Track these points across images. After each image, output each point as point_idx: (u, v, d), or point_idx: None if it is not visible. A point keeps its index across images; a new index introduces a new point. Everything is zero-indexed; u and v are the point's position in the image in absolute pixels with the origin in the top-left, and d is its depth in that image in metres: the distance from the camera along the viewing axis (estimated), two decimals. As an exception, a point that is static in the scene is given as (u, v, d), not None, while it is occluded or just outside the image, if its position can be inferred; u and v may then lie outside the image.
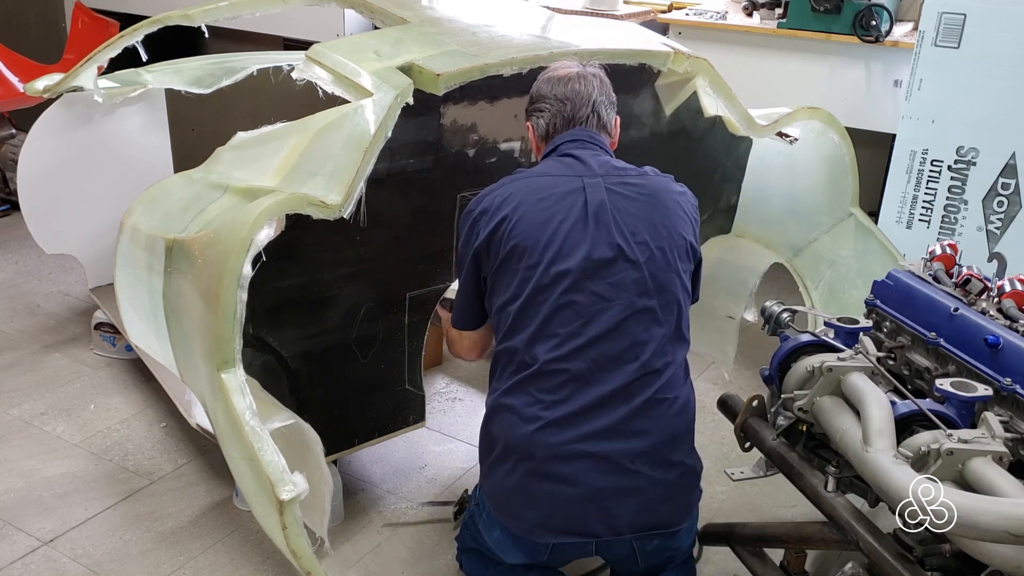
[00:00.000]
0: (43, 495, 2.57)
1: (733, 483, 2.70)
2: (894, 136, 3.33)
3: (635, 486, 1.88)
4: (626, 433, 1.87)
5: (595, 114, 2.08)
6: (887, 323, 2.16)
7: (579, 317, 1.89)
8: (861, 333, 2.05)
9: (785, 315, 2.17)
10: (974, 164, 3.19)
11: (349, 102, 2.15)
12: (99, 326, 3.26)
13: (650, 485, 1.88)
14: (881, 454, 1.67)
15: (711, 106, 2.55)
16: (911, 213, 3.32)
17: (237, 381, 1.89)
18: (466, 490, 2.52)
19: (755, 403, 2.14)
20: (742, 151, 2.95)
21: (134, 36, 2.83)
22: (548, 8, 3.24)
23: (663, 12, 4.13)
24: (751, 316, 3.18)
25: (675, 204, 2.01)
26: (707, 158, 2.83)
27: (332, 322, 2.22)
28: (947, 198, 3.26)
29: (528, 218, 1.93)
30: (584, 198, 1.94)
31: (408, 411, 2.45)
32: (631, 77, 2.48)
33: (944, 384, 1.82)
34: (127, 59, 2.97)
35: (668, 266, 1.94)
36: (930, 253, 2.18)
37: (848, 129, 2.93)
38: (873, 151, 3.84)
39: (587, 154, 2.03)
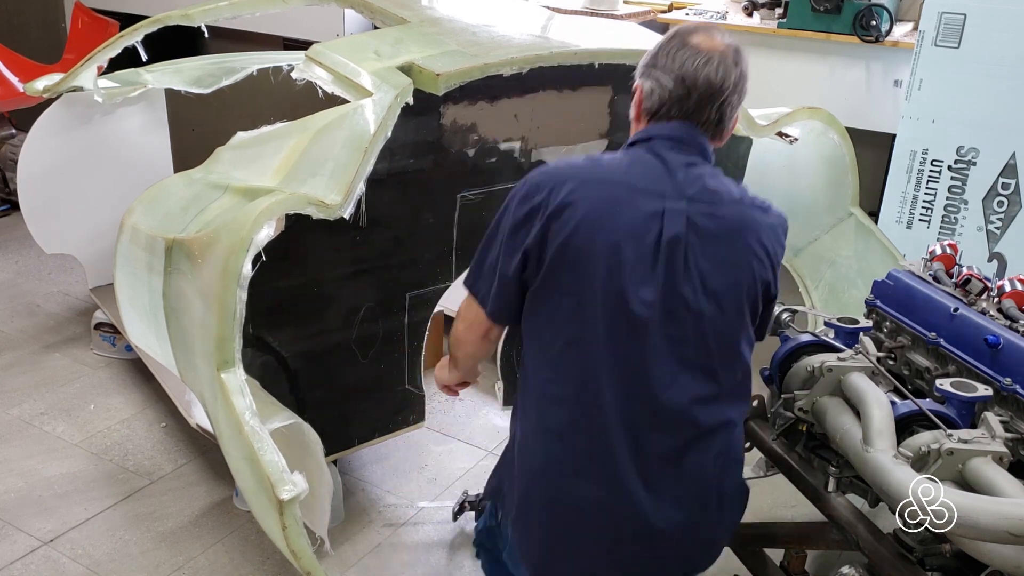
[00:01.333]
0: (43, 495, 2.57)
1: (733, 483, 2.69)
2: (894, 136, 3.33)
3: (685, 538, 1.73)
4: (673, 499, 1.70)
5: (718, 116, 1.74)
6: (887, 323, 2.15)
7: (632, 370, 1.66)
8: (861, 333, 2.04)
9: (785, 315, 2.17)
10: (974, 164, 3.19)
11: (349, 102, 2.15)
12: (99, 326, 3.26)
13: (699, 537, 1.76)
14: (881, 454, 1.67)
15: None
16: (911, 213, 3.32)
17: (237, 381, 1.89)
18: (465, 491, 2.52)
19: (755, 403, 2.14)
20: (742, 151, 2.95)
21: (134, 36, 2.83)
22: (548, 8, 3.24)
23: (663, 12, 4.14)
24: (751, 316, 3.17)
25: (758, 243, 1.72)
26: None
27: (332, 322, 2.22)
28: (947, 198, 3.26)
29: (595, 238, 1.64)
30: (660, 228, 1.65)
31: (408, 411, 2.45)
32: (631, 77, 2.48)
33: (944, 384, 1.82)
34: (127, 59, 2.96)
35: (735, 317, 1.71)
36: (930, 253, 2.18)
37: (848, 129, 2.93)
38: (873, 151, 3.84)
39: (679, 160, 1.71)
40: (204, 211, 2.12)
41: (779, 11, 3.76)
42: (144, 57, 2.89)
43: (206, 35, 2.89)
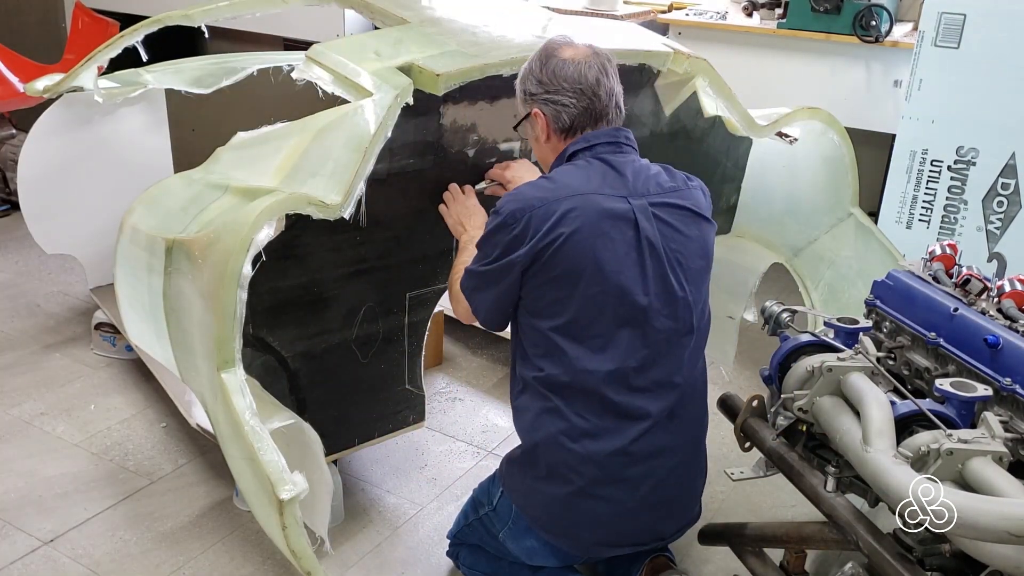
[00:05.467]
0: (43, 495, 2.57)
1: (733, 483, 2.70)
2: (894, 136, 3.33)
3: (675, 496, 2.03)
4: (669, 450, 1.97)
5: (618, 108, 2.01)
6: (887, 323, 2.16)
7: (633, 352, 1.92)
8: (861, 333, 2.05)
9: (785, 315, 2.17)
10: (974, 164, 3.19)
11: (349, 102, 2.15)
12: (99, 326, 3.26)
13: (685, 491, 2.06)
14: (881, 454, 1.67)
15: (711, 106, 2.54)
16: (911, 213, 3.32)
17: (237, 381, 1.89)
18: None
19: (755, 403, 2.14)
20: (742, 151, 2.95)
21: (134, 36, 2.82)
22: (548, 8, 3.24)
23: (663, 12, 4.14)
24: (751, 316, 3.18)
25: (708, 222, 2.02)
26: (707, 158, 2.83)
27: (332, 322, 2.22)
28: (947, 198, 3.26)
29: (587, 248, 1.88)
30: (636, 226, 1.91)
31: (408, 411, 2.45)
32: (631, 77, 2.48)
33: (944, 384, 1.82)
34: (127, 59, 2.97)
35: (703, 289, 2.00)
36: (930, 253, 2.18)
37: (848, 129, 2.93)
38: (873, 151, 3.84)
39: (624, 161, 1.97)
40: (204, 211, 2.12)
41: (779, 11, 3.76)
42: (144, 57, 2.89)
43: (206, 35, 2.89)
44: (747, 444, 2.16)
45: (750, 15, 3.92)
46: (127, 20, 3.44)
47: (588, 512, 1.96)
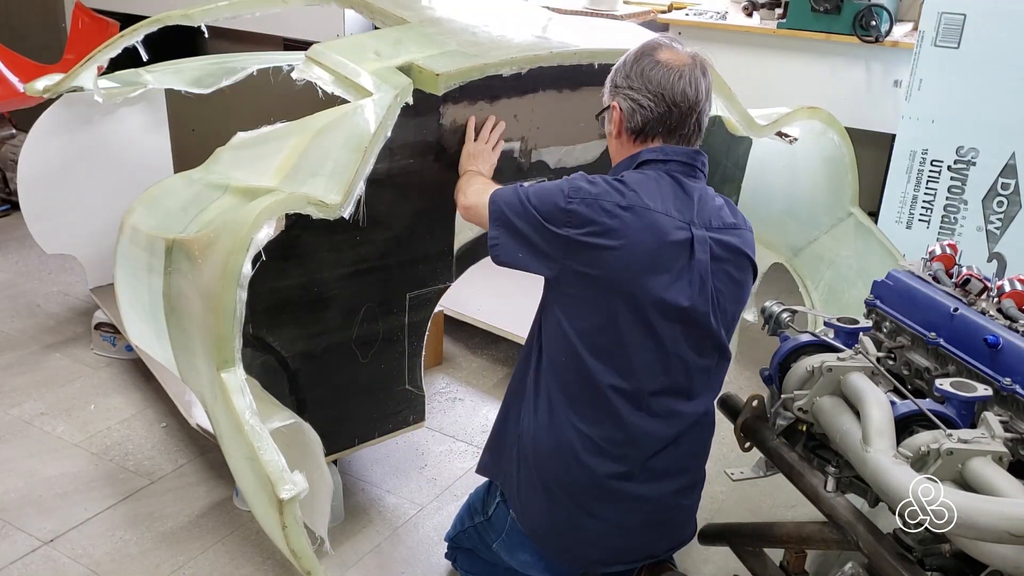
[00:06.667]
0: (43, 495, 2.57)
1: (733, 483, 2.69)
2: (894, 136, 3.33)
3: (671, 517, 2.03)
4: (672, 474, 1.97)
5: (697, 126, 1.93)
6: (887, 323, 2.16)
7: (653, 376, 1.88)
8: (861, 333, 2.05)
9: (785, 315, 2.17)
10: (974, 164, 3.19)
11: (349, 102, 2.15)
12: (99, 326, 3.26)
13: (682, 512, 2.05)
14: (881, 454, 1.67)
15: (711, 106, 2.54)
16: (911, 213, 3.32)
17: (237, 381, 1.89)
18: None
19: (755, 403, 2.14)
20: (742, 151, 2.95)
21: (134, 36, 2.82)
22: (548, 8, 3.24)
23: (663, 12, 4.14)
24: (751, 316, 3.18)
25: (752, 265, 1.98)
26: (707, 158, 2.82)
27: (332, 322, 2.22)
28: (947, 198, 3.26)
29: (635, 260, 1.81)
30: (691, 253, 1.85)
31: (408, 411, 2.45)
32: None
33: (944, 384, 1.82)
34: (127, 59, 2.96)
35: (731, 328, 1.99)
36: (930, 253, 2.18)
37: (848, 129, 2.93)
38: (873, 151, 3.84)
39: (695, 186, 1.91)
40: (204, 211, 2.12)
41: (779, 11, 3.76)
42: (144, 57, 2.89)
43: (206, 35, 2.89)
44: (747, 444, 2.16)
45: (750, 15, 3.92)
46: (127, 20, 3.43)
47: (585, 530, 1.94)
